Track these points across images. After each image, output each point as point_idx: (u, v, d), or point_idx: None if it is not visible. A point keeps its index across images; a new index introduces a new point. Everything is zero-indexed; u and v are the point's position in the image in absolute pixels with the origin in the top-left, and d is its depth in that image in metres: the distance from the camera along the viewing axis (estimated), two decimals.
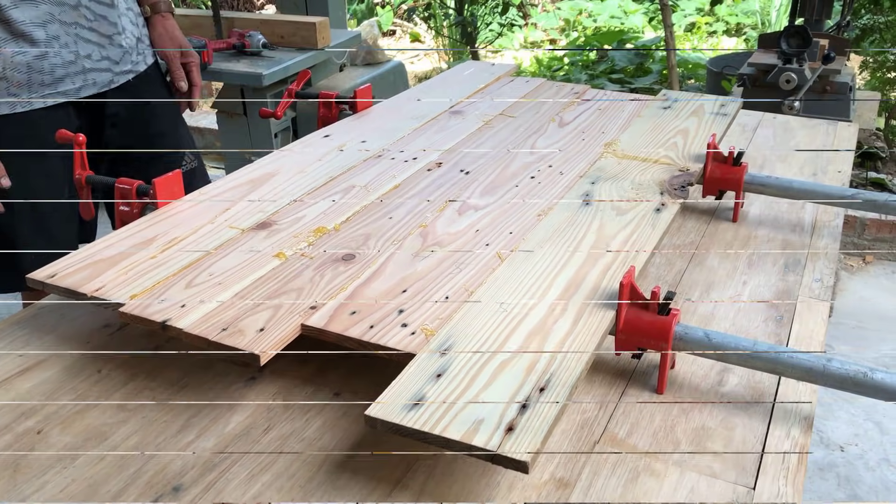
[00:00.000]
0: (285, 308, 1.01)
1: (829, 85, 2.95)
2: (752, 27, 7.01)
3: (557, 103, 1.82)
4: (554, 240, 1.18)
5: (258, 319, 0.98)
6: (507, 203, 1.31)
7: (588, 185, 1.37)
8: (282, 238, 1.18)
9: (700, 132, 1.61)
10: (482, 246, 1.17)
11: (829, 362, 0.94)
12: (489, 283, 1.07)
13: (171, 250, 1.14)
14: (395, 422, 0.82)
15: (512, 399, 0.84)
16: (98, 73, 1.68)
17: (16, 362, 1.05)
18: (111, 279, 1.07)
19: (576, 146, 1.56)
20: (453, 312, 1.00)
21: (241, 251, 1.14)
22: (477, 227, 1.23)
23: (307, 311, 1.01)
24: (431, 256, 1.14)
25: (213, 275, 1.08)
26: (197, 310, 1.00)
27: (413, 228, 1.22)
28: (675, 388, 1.03)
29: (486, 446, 0.78)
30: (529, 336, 0.95)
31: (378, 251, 1.15)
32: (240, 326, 0.97)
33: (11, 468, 0.88)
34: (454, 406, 0.84)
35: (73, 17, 1.62)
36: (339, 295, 1.04)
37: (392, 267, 1.11)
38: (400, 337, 0.96)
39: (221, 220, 1.23)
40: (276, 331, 0.97)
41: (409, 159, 1.49)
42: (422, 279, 1.09)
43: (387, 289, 1.06)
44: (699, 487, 0.87)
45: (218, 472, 0.88)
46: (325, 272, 1.09)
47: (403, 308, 1.01)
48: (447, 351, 0.92)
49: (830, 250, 1.38)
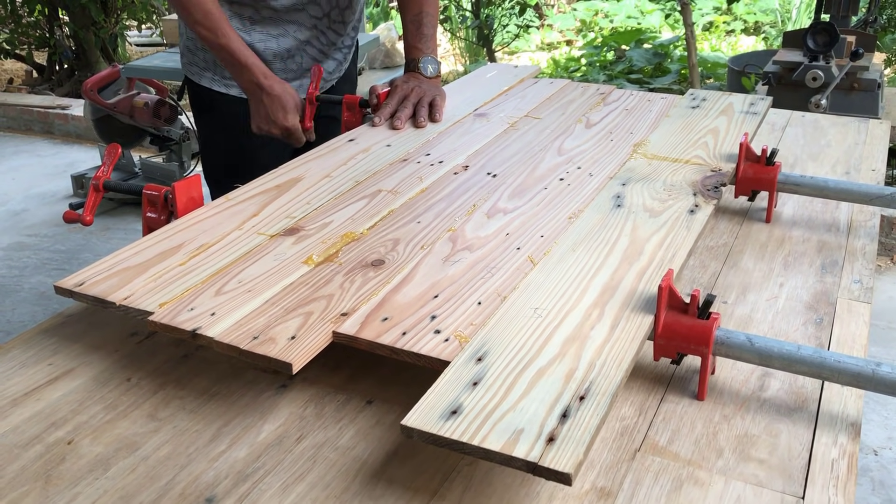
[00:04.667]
0: (316, 315, 0.99)
1: (856, 82, 2.91)
2: (771, 25, 6.95)
3: (584, 104, 1.80)
4: (586, 243, 1.16)
5: (289, 327, 0.97)
6: (537, 206, 1.29)
7: (619, 187, 1.35)
8: (310, 244, 1.17)
9: (731, 131, 1.58)
10: (513, 250, 1.15)
11: (878, 367, 0.91)
12: (522, 287, 1.05)
13: (200, 257, 1.12)
14: (432, 432, 0.80)
15: (552, 408, 0.82)
16: (323, 83, 1.88)
17: (45, 371, 1.04)
18: (140, 287, 1.06)
19: (604, 147, 1.54)
20: (487, 318, 0.98)
21: (269, 257, 1.13)
22: (507, 231, 1.21)
23: (338, 317, 0.99)
24: (462, 261, 1.12)
25: (243, 282, 1.06)
26: (227, 318, 0.98)
27: (442, 233, 1.21)
28: (716, 394, 1.01)
29: (526, 457, 0.76)
30: (566, 343, 0.93)
31: (408, 256, 1.13)
32: (271, 335, 0.95)
33: (43, 479, 0.87)
34: (492, 415, 0.81)
35: (307, 35, 1.83)
36: (370, 300, 1.02)
37: (422, 272, 1.10)
38: (433, 344, 0.94)
39: (249, 227, 1.21)
40: (308, 339, 0.95)
41: (434, 162, 1.47)
42: (453, 284, 1.07)
43: (418, 294, 1.04)
44: (746, 497, 0.85)
45: (251, 482, 0.86)
46: (355, 278, 1.08)
47: (436, 314, 1.00)
48: (482, 358, 0.90)
49: (868, 250, 1.35)
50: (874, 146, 1.77)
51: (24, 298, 3.26)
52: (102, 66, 5.56)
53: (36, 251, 3.62)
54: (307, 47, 1.85)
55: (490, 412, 0.82)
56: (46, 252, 3.61)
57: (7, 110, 5.24)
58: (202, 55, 1.82)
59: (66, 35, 5.89)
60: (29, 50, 6.02)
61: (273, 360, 0.91)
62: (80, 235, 3.73)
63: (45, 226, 3.85)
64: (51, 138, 5.07)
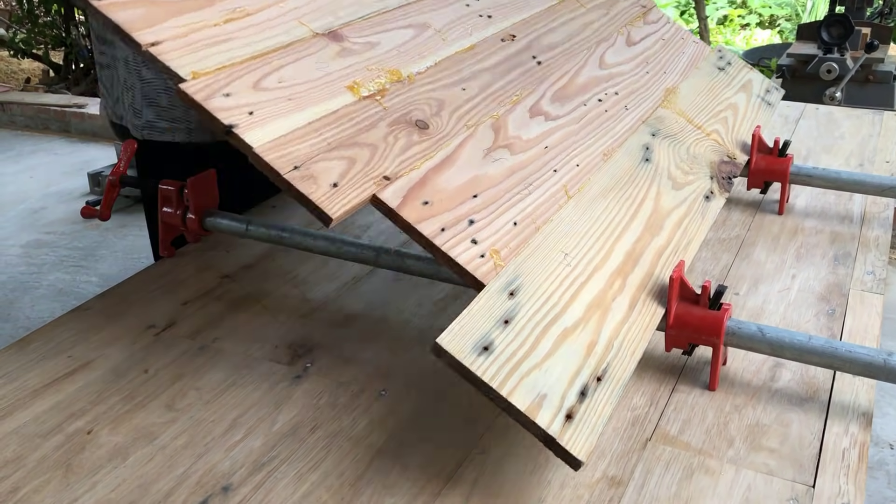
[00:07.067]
0: (359, 167, 0.93)
1: (871, 74, 2.89)
2: (786, 18, 6.90)
3: (627, 10, 1.72)
4: (616, 193, 1.14)
5: (331, 170, 0.91)
6: (575, 123, 1.24)
7: (649, 137, 1.32)
8: (355, 65, 1.08)
9: (748, 114, 1.55)
10: (550, 172, 1.11)
11: (889, 356, 0.92)
12: (556, 222, 1.02)
13: (237, 24, 1.01)
14: (463, 363, 0.79)
15: (572, 381, 0.83)
16: None
17: (64, 363, 1.06)
18: (169, 34, 0.93)
19: (640, 77, 1.49)
20: (521, 245, 0.96)
21: (311, 62, 1.03)
22: (546, 144, 1.16)
23: (380, 180, 0.93)
24: (502, 162, 1.07)
25: (283, 82, 0.97)
26: (266, 125, 0.91)
27: (485, 116, 1.14)
28: (727, 385, 1.01)
29: (548, 429, 0.77)
30: (590, 308, 0.92)
31: (451, 129, 1.07)
32: (313, 171, 0.89)
33: (63, 468, 0.88)
34: (520, 367, 0.81)
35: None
36: (411, 173, 0.96)
37: (464, 157, 1.04)
38: (469, 255, 0.91)
39: (290, 8, 1.09)
40: (350, 192, 0.90)
41: (483, 14, 1.37)
42: (493, 187, 1.02)
43: (458, 186, 0.99)
44: (756, 485, 0.85)
45: (266, 471, 0.87)
46: (399, 135, 1.01)
47: (474, 219, 0.96)
48: (514, 294, 0.89)
49: (882, 241, 1.35)
50: (888, 138, 1.76)
51: (43, 295, 3.29)
52: None
53: (54, 248, 3.66)
54: None
55: (518, 362, 0.81)
56: (64, 249, 3.65)
57: (24, 109, 5.30)
58: None
59: (82, 34, 5.93)
60: (45, 49, 6.07)
61: (313, 205, 0.86)
62: (97, 233, 3.77)
63: (63, 223, 3.89)
64: (68, 137, 5.12)
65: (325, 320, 1.15)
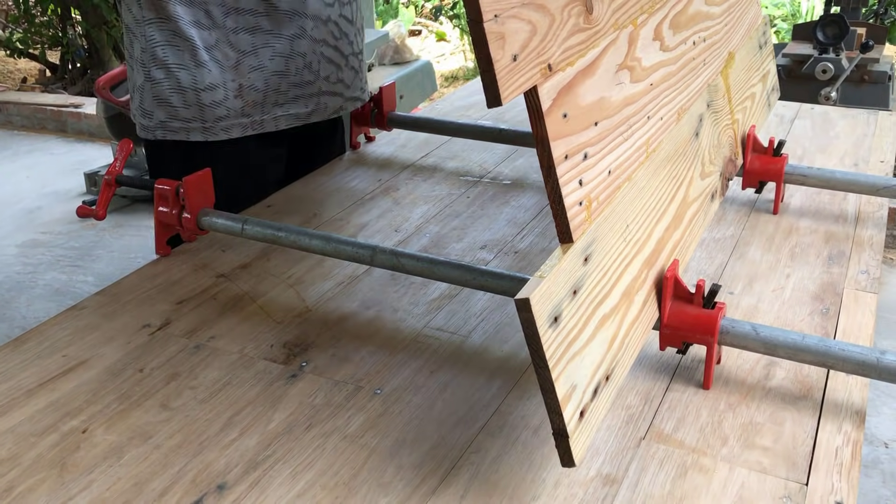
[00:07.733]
0: (536, 41, 0.79)
1: (867, 74, 2.90)
2: (783, 19, 6.91)
3: None
4: (669, 168, 1.06)
5: (517, 34, 0.75)
6: (674, 65, 1.12)
7: (703, 107, 1.22)
8: None
9: (756, 109, 1.53)
10: (645, 118, 1.01)
11: (882, 355, 0.92)
12: (630, 183, 0.94)
13: None
14: (539, 331, 0.73)
15: (593, 375, 0.82)
16: (330, 98, 1.58)
17: (59, 362, 1.06)
18: None
19: (720, 29, 1.34)
20: (607, 201, 0.88)
21: None
22: (652, 80, 1.04)
23: (545, 68, 0.80)
24: (621, 88, 0.95)
25: None
26: None
27: (629, 19, 1.00)
28: (721, 383, 1.01)
29: (567, 424, 0.76)
30: (623, 296, 0.90)
31: (604, 25, 0.93)
32: (505, 28, 0.75)
33: (58, 466, 0.88)
34: (570, 348, 0.78)
35: (323, 33, 1.52)
36: (567, 69, 0.84)
37: (602, 68, 0.92)
38: (573, 199, 0.81)
39: None
40: (521, 73, 0.76)
41: None
42: (608, 118, 0.91)
43: (590, 103, 0.88)
44: (749, 483, 0.86)
45: (261, 470, 0.88)
46: (573, 11, 0.86)
47: (588, 152, 0.85)
48: (588, 260, 0.83)
49: (876, 241, 1.35)
50: (883, 138, 1.77)
51: (39, 295, 3.29)
52: (115, 64, 5.60)
53: (50, 248, 3.66)
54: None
55: (570, 343, 0.78)
56: (60, 249, 3.65)
57: (21, 109, 5.29)
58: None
59: (78, 34, 5.92)
60: (42, 49, 6.06)
61: (492, 76, 0.73)
62: (94, 233, 3.77)
63: (59, 223, 3.89)
64: (64, 136, 5.11)
65: (320, 320, 1.15)
